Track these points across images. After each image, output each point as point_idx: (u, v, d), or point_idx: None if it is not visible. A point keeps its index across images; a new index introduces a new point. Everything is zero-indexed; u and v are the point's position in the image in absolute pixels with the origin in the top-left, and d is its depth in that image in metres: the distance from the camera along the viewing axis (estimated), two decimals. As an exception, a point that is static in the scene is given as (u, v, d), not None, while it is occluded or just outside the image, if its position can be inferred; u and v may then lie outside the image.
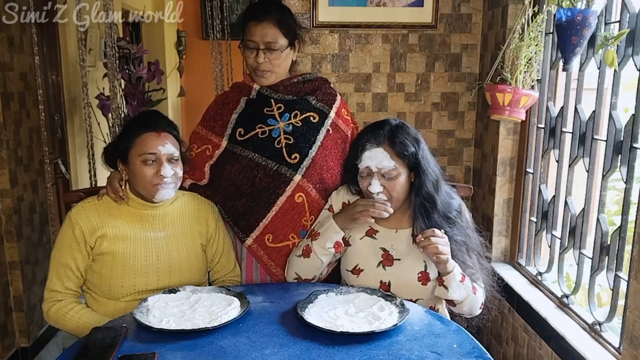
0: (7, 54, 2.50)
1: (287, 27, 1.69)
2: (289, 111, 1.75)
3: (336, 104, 1.81)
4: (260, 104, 1.77)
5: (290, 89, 1.78)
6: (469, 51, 2.63)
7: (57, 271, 1.57)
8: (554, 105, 2.14)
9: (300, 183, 1.68)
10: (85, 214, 1.57)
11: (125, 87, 3.51)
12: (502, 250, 2.49)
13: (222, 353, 1.20)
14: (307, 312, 1.36)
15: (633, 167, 1.64)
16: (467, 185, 2.18)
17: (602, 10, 1.77)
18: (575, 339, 1.77)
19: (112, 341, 1.22)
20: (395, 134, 1.53)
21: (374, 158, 1.51)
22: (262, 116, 1.75)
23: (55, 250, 1.59)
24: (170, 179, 1.55)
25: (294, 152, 1.70)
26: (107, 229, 1.56)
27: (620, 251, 1.68)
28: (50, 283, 1.57)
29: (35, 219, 2.77)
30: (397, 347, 1.23)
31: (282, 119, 1.74)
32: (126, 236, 1.57)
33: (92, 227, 1.55)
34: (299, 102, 1.77)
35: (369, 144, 1.53)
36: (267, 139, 1.71)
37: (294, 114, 1.74)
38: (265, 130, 1.72)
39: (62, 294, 1.56)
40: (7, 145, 2.48)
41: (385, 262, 1.56)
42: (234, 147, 1.74)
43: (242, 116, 1.77)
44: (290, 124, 1.73)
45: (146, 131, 1.55)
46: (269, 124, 1.73)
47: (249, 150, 1.71)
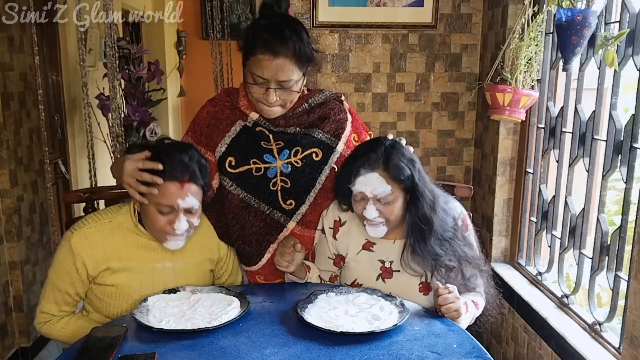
0: (7, 54, 2.50)
1: (304, 58, 1.45)
2: (289, 147, 1.55)
3: (346, 133, 1.61)
4: (257, 134, 1.55)
5: (292, 121, 1.56)
6: (469, 51, 2.63)
7: (54, 295, 1.46)
8: (554, 105, 2.14)
9: (294, 230, 1.58)
10: (88, 244, 1.43)
11: (125, 87, 3.51)
12: (502, 250, 2.49)
13: (222, 353, 1.20)
14: (307, 312, 1.36)
15: (633, 167, 1.64)
16: (467, 185, 2.18)
17: (602, 10, 1.77)
18: (575, 339, 1.77)
19: (112, 341, 1.22)
20: (390, 157, 1.43)
21: (369, 184, 1.42)
22: (257, 149, 1.54)
23: (53, 273, 1.46)
24: (183, 232, 1.43)
25: (290, 198, 1.56)
26: (111, 262, 1.44)
27: (620, 251, 1.68)
28: (45, 305, 1.48)
29: (35, 219, 2.77)
30: (397, 347, 1.23)
31: (281, 156, 1.55)
32: (132, 268, 1.46)
33: (95, 260, 1.43)
34: (302, 137, 1.56)
35: (363, 168, 1.42)
36: (261, 179, 1.54)
37: (295, 151, 1.55)
38: (260, 168, 1.54)
39: (57, 317, 1.49)
40: (7, 145, 2.48)
41: (384, 274, 1.54)
42: (223, 179, 1.56)
43: (234, 143, 1.55)
44: (289, 164, 1.55)
45: (169, 179, 1.38)
46: (265, 161, 1.54)
47: (240, 189, 1.54)
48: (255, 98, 1.48)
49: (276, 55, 1.40)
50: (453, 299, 1.37)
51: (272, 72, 1.41)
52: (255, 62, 1.42)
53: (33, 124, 2.73)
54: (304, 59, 1.45)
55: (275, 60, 1.40)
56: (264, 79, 1.43)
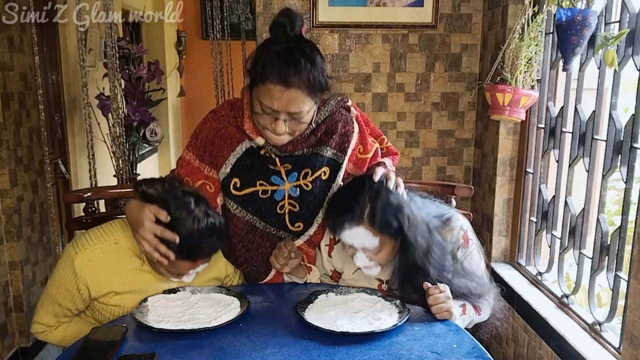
0: (7, 54, 2.50)
1: (317, 88, 1.34)
2: (298, 170, 1.47)
3: (351, 146, 1.52)
4: (263, 157, 1.47)
5: (301, 145, 1.46)
6: (469, 51, 2.63)
7: (53, 308, 1.43)
8: (554, 105, 2.14)
9: (301, 246, 1.55)
10: (92, 267, 1.38)
11: (125, 87, 3.51)
12: (502, 250, 2.49)
13: (222, 353, 1.20)
14: (307, 312, 1.36)
15: (633, 167, 1.64)
16: (467, 185, 2.18)
17: (602, 10, 1.77)
18: (575, 339, 1.77)
19: (112, 341, 1.22)
20: (375, 210, 1.32)
21: (355, 238, 1.35)
22: (264, 171, 1.46)
23: (53, 288, 1.42)
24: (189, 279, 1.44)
25: (298, 221, 1.51)
26: (116, 286, 1.40)
27: (620, 251, 1.68)
28: (43, 317, 1.45)
29: (35, 219, 2.77)
30: (397, 347, 1.23)
31: (289, 178, 1.47)
32: (137, 289, 1.43)
33: (99, 284, 1.39)
34: (311, 158, 1.48)
35: (348, 223, 1.34)
36: (268, 201, 1.47)
37: (305, 174, 1.47)
38: (267, 190, 1.47)
39: (54, 327, 1.47)
40: (7, 145, 2.48)
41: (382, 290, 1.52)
42: (227, 201, 1.49)
43: (239, 163, 1.47)
44: (298, 187, 1.47)
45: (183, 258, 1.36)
46: (273, 183, 1.47)
47: (245, 211, 1.48)
48: (262, 126, 1.39)
49: (289, 86, 1.29)
50: (444, 299, 1.35)
51: (283, 104, 1.31)
52: (264, 92, 1.31)
53: (33, 124, 2.74)
54: (317, 89, 1.34)
55: (287, 91, 1.29)
56: (274, 109, 1.32)
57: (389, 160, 1.63)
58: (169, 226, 1.32)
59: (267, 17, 2.55)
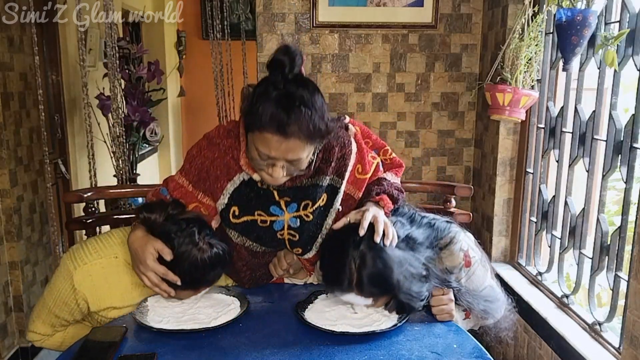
0: (7, 54, 2.50)
1: (318, 135, 1.27)
2: (297, 201, 1.42)
3: (349, 169, 1.46)
4: (261, 189, 1.41)
5: (300, 178, 1.40)
6: (469, 51, 2.63)
7: (50, 319, 1.43)
8: (554, 105, 2.14)
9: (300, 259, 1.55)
10: (92, 282, 1.37)
11: (125, 87, 3.51)
12: (502, 250, 2.49)
13: (222, 353, 1.20)
14: (307, 312, 1.36)
15: (633, 167, 1.64)
16: (467, 185, 2.18)
17: (602, 10, 1.77)
18: (575, 339, 1.77)
19: (112, 341, 1.22)
20: (362, 279, 1.26)
21: (349, 299, 1.31)
22: (264, 202, 1.42)
23: (50, 300, 1.40)
24: None
25: (297, 247, 1.48)
26: (115, 301, 1.39)
27: (620, 251, 1.68)
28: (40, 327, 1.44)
29: (35, 219, 2.77)
30: (397, 347, 1.23)
31: (289, 209, 1.42)
32: (136, 304, 1.40)
33: (98, 299, 1.38)
34: (311, 190, 1.42)
35: (337, 291, 1.31)
36: (267, 230, 1.44)
37: (305, 205, 1.42)
38: (266, 221, 1.42)
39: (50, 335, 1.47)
40: (7, 145, 2.48)
41: None
42: (228, 230, 1.46)
43: (237, 192, 1.42)
44: (298, 218, 1.43)
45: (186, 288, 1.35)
46: (272, 213, 1.42)
47: (246, 238, 1.46)
48: (258, 168, 1.33)
49: (288, 137, 1.22)
50: (446, 301, 1.34)
51: (282, 153, 1.25)
52: (262, 140, 1.24)
53: (33, 124, 2.74)
54: (317, 136, 1.27)
55: (286, 141, 1.22)
56: (271, 157, 1.26)
57: (391, 174, 1.57)
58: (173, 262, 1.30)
59: (267, 17, 2.55)
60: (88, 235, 1.87)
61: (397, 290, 1.28)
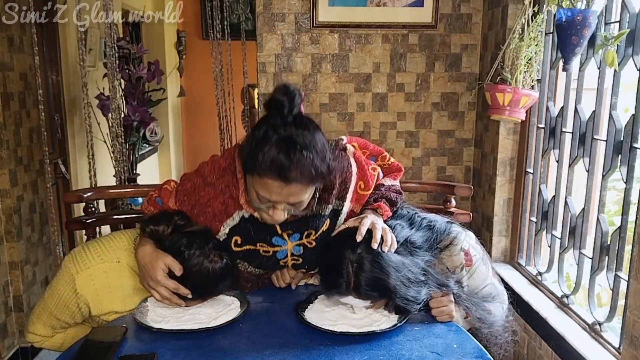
0: (7, 54, 2.50)
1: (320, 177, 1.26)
2: (300, 232, 1.42)
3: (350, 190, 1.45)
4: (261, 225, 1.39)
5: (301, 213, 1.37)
6: (469, 51, 2.63)
7: (51, 322, 1.43)
8: (554, 105, 2.14)
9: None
10: (94, 287, 1.37)
11: (125, 87, 3.51)
12: (502, 250, 2.49)
13: (222, 353, 1.20)
14: (307, 312, 1.36)
15: (633, 167, 1.64)
16: (467, 185, 2.18)
17: (602, 10, 1.77)
18: (575, 339, 1.77)
19: (112, 341, 1.22)
20: (359, 284, 1.27)
21: (348, 301, 1.34)
22: (264, 235, 1.41)
23: (51, 302, 1.40)
24: None
25: (302, 269, 1.50)
26: (117, 305, 1.39)
27: (620, 251, 1.68)
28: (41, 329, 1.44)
29: (35, 219, 2.77)
30: (397, 347, 1.23)
31: (292, 239, 1.42)
32: None
33: (100, 303, 1.39)
34: (313, 220, 1.41)
35: (336, 295, 1.33)
36: (270, 258, 1.44)
37: (307, 234, 1.42)
38: (269, 251, 1.43)
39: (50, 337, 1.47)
40: (7, 145, 2.48)
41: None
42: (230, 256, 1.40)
43: (237, 227, 1.40)
44: (301, 246, 1.43)
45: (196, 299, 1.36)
46: (274, 244, 1.42)
47: (247, 264, 1.46)
48: (258, 209, 1.32)
49: (289, 182, 1.20)
50: (446, 302, 1.35)
51: (283, 197, 1.23)
52: (262, 185, 1.23)
53: (33, 124, 2.74)
54: (320, 178, 1.26)
55: (287, 187, 1.21)
56: (272, 201, 1.25)
57: (389, 180, 1.57)
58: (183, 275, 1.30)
59: (267, 17, 2.55)
60: (88, 235, 1.87)
61: (394, 295, 1.28)
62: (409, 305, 1.30)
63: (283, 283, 1.52)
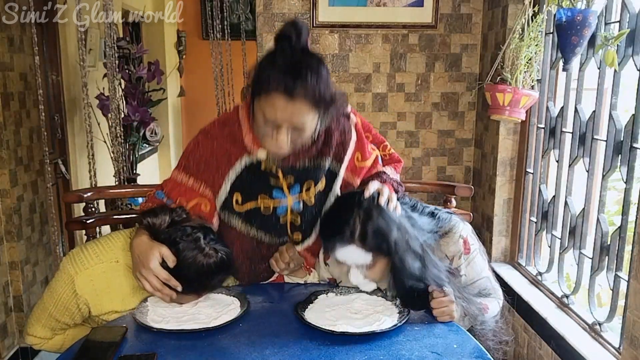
0: (7, 54, 2.50)
1: (323, 102, 1.30)
2: (300, 182, 1.45)
3: (348, 155, 1.50)
4: (264, 172, 1.44)
5: (303, 155, 1.43)
6: (469, 51, 2.63)
7: (50, 323, 1.42)
8: (554, 105, 2.14)
9: (301, 252, 1.55)
10: (93, 287, 1.37)
11: (125, 87, 3.51)
12: (502, 250, 2.49)
13: (222, 353, 1.20)
14: (307, 312, 1.36)
15: (633, 167, 1.64)
16: (467, 185, 2.18)
17: (602, 10, 1.77)
18: (575, 339, 1.77)
19: (112, 341, 1.22)
20: (366, 230, 1.31)
21: (348, 255, 1.34)
22: (266, 186, 1.44)
23: (50, 304, 1.40)
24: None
25: (298, 231, 1.51)
26: (117, 305, 1.39)
27: (620, 251, 1.68)
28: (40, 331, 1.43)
29: (35, 219, 2.77)
30: (397, 347, 1.23)
31: (292, 192, 1.45)
32: None
33: (100, 304, 1.38)
34: (313, 171, 1.46)
35: (339, 243, 1.33)
36: (270, 217, 1.46)
37: (307, 187, 1.46)
38: (269, 207, 1.45)
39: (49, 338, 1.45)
40: (7, 145, 2.48)
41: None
42: (230, 217, 1.47)
43: (240, 179, 1.44)
44: (301, 201, 1.46)
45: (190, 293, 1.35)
46: (274, 197, 1.45)
47: (249, 226, 1.48)
48: (263, 135, 1.35)
49: (294, 99, 1.25)
50: (447, 302, 1.35)
51: (287, 116, 1.27)
52: (268, 103, 1.27)
53: (33, 124, 2.74)
54: (322, 103, 1.30)
55: (291, 104, 1.25)
56: (277, 121, 1.29)
57: (390, 169, 1.59)
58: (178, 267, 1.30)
59: (267, 17, 2.55)
60: (88, 236, 1.87)
61: (394, 253, 1.31)
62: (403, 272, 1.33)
63: (282, 264, 1.49)
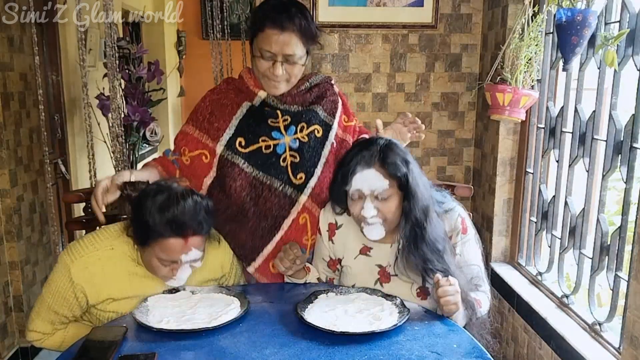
0: (7, 54, 2.50)
1: (308, 35, 1.56)
2: (295, 124, 1.63)
3: (338, 113, 1.71)
4: (264, 113, 1.62)
5: (297, 99, 1.64)
6: (469, 51, 2.63)
7: (50, 316, 1.43)
8: (554, 105, 2.14)
9: (305, 204, 1.61)
10: (89, 274, 1.39)
11: (125, 87, 3.51)
12: (502, 250, 2.49)
13: (222, 353, 1.20)
14: (307, 312, 1.36)
15: (633, 167, 1.64)
16: (467, 185, 2.18)
17: (602, 10, 1.77)
18: (575, 339, 1.77)
19: (112, 341, 1.22)
20: (387, 154, 1.44)
21: (366, 180, 1.42)
22: (266, 127, 1.61)
23: (49, 296, 1.41)
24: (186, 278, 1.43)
25: (300, 172, 1.61)
26: (113, 292, 1.41)
27: (620, 251, 1.68)
28: (40, 325, 1.45)
29: (35, 219, 2.77)
30: (397, 347, 1.23)
31: (288, 132, 1.62)
32: (135, 295, 1.42)
33: (97, 291, 1.40)
34: (306, 113, 1.65)
35: (359, 166, 1.42)
36: (272, 155, 1.60)
37: (301, 127, 1.63)
38: (270, 145, 1.60)
39: (50, 334, 1.47)
40: (7, 145, 2.48)
41: (382, 279, 1.53)
42: (234, 157, 1.59)
43: (242, 124, 1.62)
44: (297, 139, 1.62)
45: (172, 235, 1.34)
46: (274, 138, 1.61)
47: (252, 167, 1.59)
48: (262, 73, 1.57)
49: (283, 30, 1.51)
50: (453, 291, 1.35)
51: (280, 46, 1.52)
52: (263, 38, 1.53)
53: (33, 124, 2.74)
54: (308, 36, 1.56)
55: (282, 34, 1.51)
56: (272, 53, 1.52)
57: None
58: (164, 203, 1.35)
59: (267, 17, 2.55)
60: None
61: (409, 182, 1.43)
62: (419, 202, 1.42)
63: (287, 261, 1.51)
